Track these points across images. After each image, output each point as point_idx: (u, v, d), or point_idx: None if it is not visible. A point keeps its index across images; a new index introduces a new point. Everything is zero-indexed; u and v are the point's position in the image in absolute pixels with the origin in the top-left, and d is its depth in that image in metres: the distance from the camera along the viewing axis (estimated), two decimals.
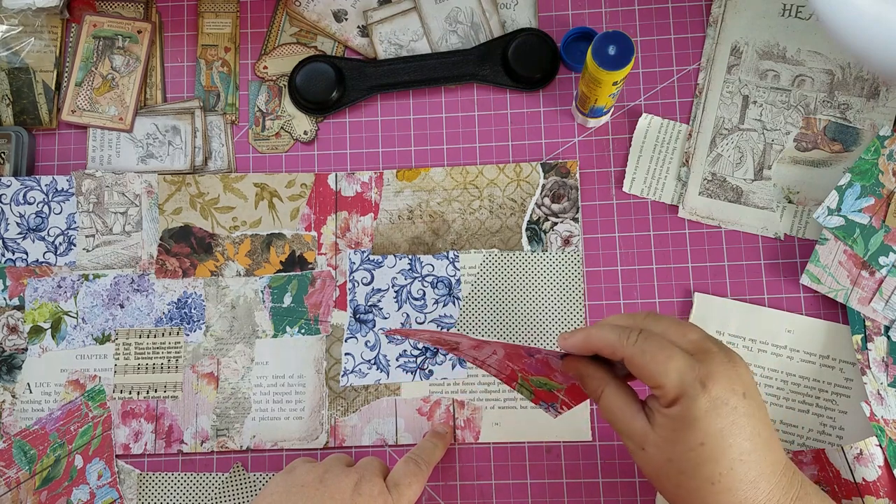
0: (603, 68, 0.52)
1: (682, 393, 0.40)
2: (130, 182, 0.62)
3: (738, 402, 0.40)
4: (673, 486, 0.42)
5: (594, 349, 0.43)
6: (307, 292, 0.60)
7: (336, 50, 0.64)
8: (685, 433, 0.40)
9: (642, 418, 0.42)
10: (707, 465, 0.40)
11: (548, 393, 0.49)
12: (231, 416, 0.59)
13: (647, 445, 0.42)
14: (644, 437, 0.42)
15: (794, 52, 0.60)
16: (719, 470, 0.40)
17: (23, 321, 0.61)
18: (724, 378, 0.40)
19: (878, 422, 0.53)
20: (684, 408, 0.40)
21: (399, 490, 0.49)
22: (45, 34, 0.64)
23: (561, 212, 0.60)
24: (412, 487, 0.49)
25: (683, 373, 0.40)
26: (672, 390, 0.40)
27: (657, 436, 0.41)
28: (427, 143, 0.63)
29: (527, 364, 0.48)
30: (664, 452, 0.41)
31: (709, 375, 0.40)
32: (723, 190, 0.59)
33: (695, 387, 0.40)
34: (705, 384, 0.40)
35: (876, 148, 0.57)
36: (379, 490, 0.48)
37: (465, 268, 0.60)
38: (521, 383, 0.50)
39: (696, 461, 0.40)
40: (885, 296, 0.56)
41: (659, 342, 0.41)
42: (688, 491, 0.41)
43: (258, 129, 0.63)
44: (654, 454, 0.42)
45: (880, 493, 0.52)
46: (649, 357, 0.41)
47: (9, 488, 0.58)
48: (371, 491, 0.48)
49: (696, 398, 0.40)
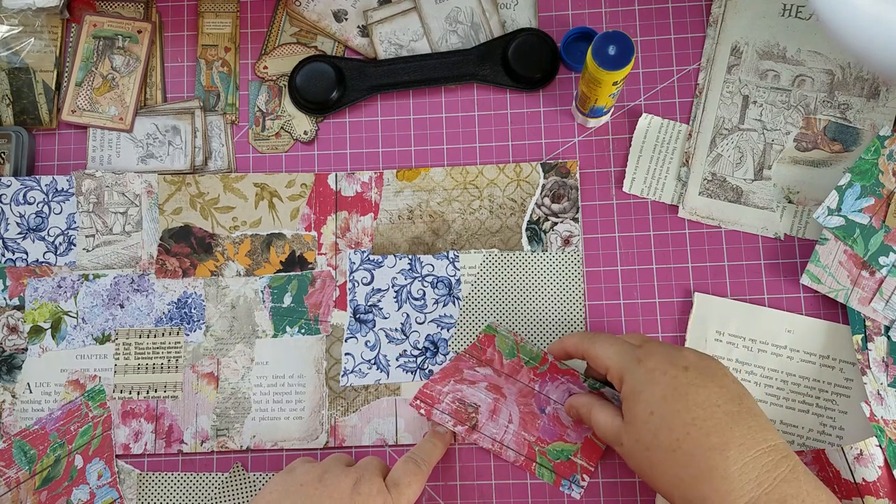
0: (603, 68, 0.52)
1: (624, 370, 0.46)
2: (130, 182, 0.62)
3: (678, 373, 0.45)
4: (647, 466, 0.45)
5: (566, 350, 0.52)
6: (307, 292, 0.60)
7: (336, 50, 0.64)
8: (636, 407, 0.45)
9: (618, 418, 0.48)
10: (662, 432, 0.43)
11: (567, 464, 0.53)
12: (231, 416, 0.59)
13: (622, 437, 0.47)
14: (618, 432, 0.47)
15: (794, 52, 0.60)
16: (675, 436, 0.43)
17: (23, 321, 0.61)
18: (661, 355, 0.46)
19: (878, 422, 0.53)
20: (628, 382, 0.46)
21: (399, 489, 0.49)
22: (45, 34, 0.64)
23: (561, 212, 0.60)
24: (412, 487, 0.49)
25: (622, 352, 0.47)
26: (616, 370, 0.47)
27: (625, 423, 0.46)
28: (427, 143, 0.63)
29: (542, 429, 0.52)
30: (632, 434, 0.45)
31: (645, 354, 0.47)
32: (723, 190, 0.59)
33: (632, 362, 0.46)
34: (641, 360, 0.46)
35: (876, 148, 0.57)
36: (378, 489, 0.48)
37: (465, 268, 0.60)
38: (540, 463, 0.53)
39: (654, 430, 0.44)
40: (885, 296, 0.55)
41: (605, 335, 0.50)
42: (659, 466, 0.44)
43: (258, 129, 0.63)
44: (627, 442, 0.46)
45: (880, 493, 0.52)
46: (599, 345, 0.49)
47: (9, 488, 0.58)
48: (370, 490, 0.47)
49: (633, 371, 0.46)
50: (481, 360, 0.50)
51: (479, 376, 0.51)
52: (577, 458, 0.52)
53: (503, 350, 0.50)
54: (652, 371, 0.45)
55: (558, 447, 0.53)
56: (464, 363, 0.50)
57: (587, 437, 0.52)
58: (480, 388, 0.52)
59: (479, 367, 0.51)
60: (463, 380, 0.51)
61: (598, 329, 0.59)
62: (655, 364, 0.45)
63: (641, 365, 0.46)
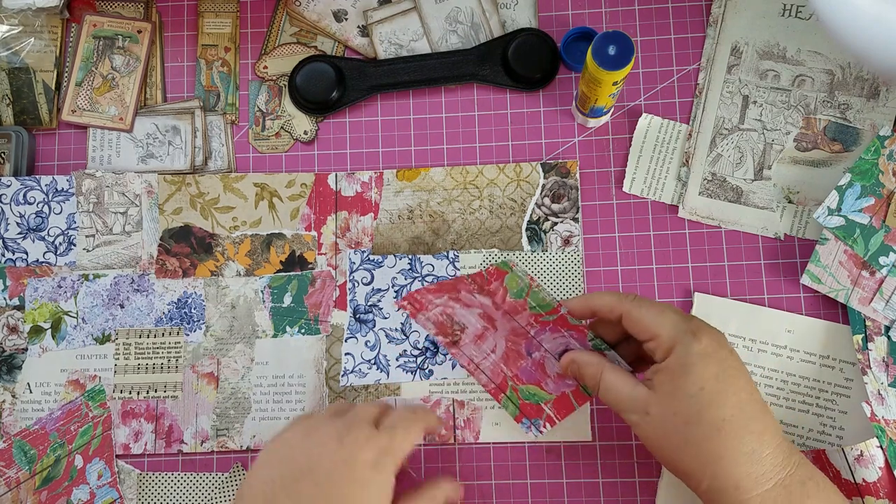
0: (603, 68, 0.52)
1: (677, 341, 0.44)
2: (130, 182, 0.62)
3: (727, 355, 0.44)
4: (681, 441, 0.43)
5: (593, 308, 0.48)
6: (307, 292, 0.60)
7: (336, 50, 0.64)
8: (684, 379, 0.43)
9: (642, 386, 0.46)
10: (710, 409, 0.43)
11: (534, 406, 0.51)
12: (231, 416, 0.59)
13: (651, 407, 0.44)
14: (647, 401, 0.45)
15: (794, 52, 0.60)
16: (722, 415, 0.43)
17: (23, 321, 0.61)
18: (711, 333, 0.45)
19: (879, 422, 0.53)
20: (679, 355, 0.44)
21: (392, 432, 0.47)
22: (45, 34, 0.64)
23: (561, 212, 0.60)
24: (408, 432, 0.47)
25: (676, 323, 0.45)
26: (667, 340, 0.44)
27: (659, 393, 0.44)
28: (427, 143, 0.63)
29: (521, 368, 0.50)
30: (669, 407, 0.44)
31: (698, 328, 0.45)
32: (723, 190, 0.59)
33: (687, 335, 0.44)
34: (696, 334, 0.44)
35: (876, 148, 0.57)
36: (366, 435, 0.46)
37: (465, 268, 0.60)
38: (508, 395, 0.51)
39: (699, 406, 0.43)
40: (885, 296, 0.55)
41: (652, 301, 0.47)
42: (696, 443, 0.43)
43: (258, 129, 0.63)
44: (658, 413, 0.44)
45: (880, 493, 0.52)
46: (645, 310, 0.46)
47: (9, 488, 0.58)
48: (356, 438, 0.46)
49: (689, 344, 0.44)
50: (483, 289, 0.48)
51: (476, 302, 0.49)
52: (546, 406, 0.50)
53: (511, 288, 0.47)
54: (706, 347, 0.44)
55: (532, 390, 0.51)
56: (464, 285, 0.47)
57: (565, 391, 0.50)
58: (473, 313, 0.49)
59: (479, 295, 0.48)
60: (458, 299, 0.48)
61: None
62: (709, 341, 0.44)
63: (696, 339, 0.44)
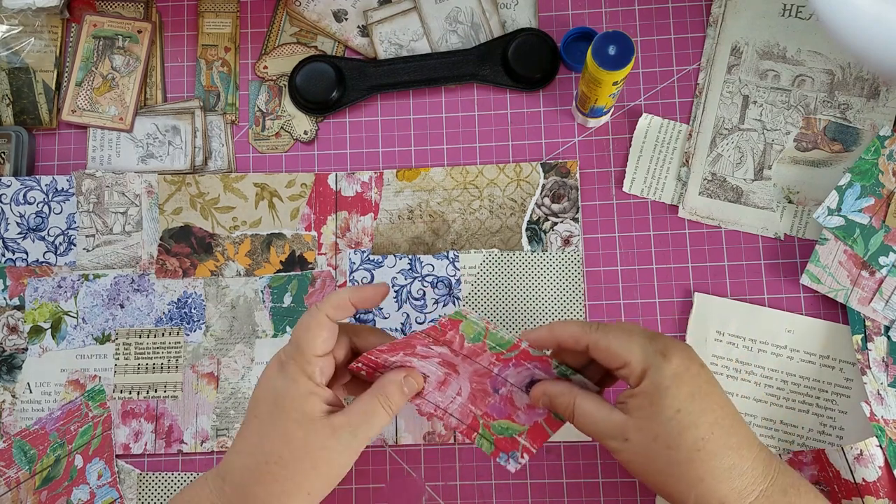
0: (603, 68, 0.52)
1: (648, 365, 0.43)
2: (130, 182, 0.62)
3: (698, 370, 0.44)
4: (664, 465, 0.43)
5: (557, 339, 0.46)
6: (307, 292, 0.60)
7: (336, 50, 0.64)
8: (660, 403, 0.43)
9: (618, 412, 0.45)
10: (689, 431, 0.42)
11: (509, 440, 0.50)
12: (231, 416, 0.59)
13: (630, 433, 0.44)
14: (624, 427, 0.44)
15: (794, 52, 0.60)
16: (701, 434, 0.42)
17: (23, 321, 0.61)
18: (680, 350, 0.44)
19: (879, 422, 0.53)
20: (653, 379, 0.43)
21: (292, 334, 0.46)
22: (45, 34, 0.64)
23: (561, 212, 0.60)
24: (300, 323, 0.46)
25: (645, 346, 0.44)
26: (638, 364, 0.44)
27: (636, 418, 0.44)
28: (427, 143, 0.63)
29: (490, 406, 0.49)
30: (648, 432, 0.43)
31: (666, 348, 0.44)
32: (723, 190, 0.59)
33: (657, 357, 0.43)
34: (665, 355, 0.44)
35: (876, 148, 0.57)
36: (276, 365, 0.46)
37: (465, 268, 0.60)
38: (482, 433, 0.50)
39: (677, 429, 0.42)
40: (885, 296, 0.55)
41: (618, 327, 0.46)
42: (678, 466, 0.43)
43: (258, 129, 0.63)
44: (637, 439, 0.43)
45: (880, 493, 0.52)
46: (612, 337, 0.45)
47: (9, 488, 0.58)
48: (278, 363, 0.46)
49: (660, 367, 0.43)
50: (439, 341, 0.46)
51: (433, 353, 0.47)
52: (521, 438, 0.49)
53: (468, 334, 0.46)
54: (678, 367, 0.43)
55: (504, 424, 0.50)
56: (418, 340, 0.46)
57: (537, 421, 0.49)
58: (432, 362, 0.48)
59: (435, 346, 0.47)
60: (414, 353, 0.47)
61: None
62: (679, 360, 0.44)
63: (667, 361, 0.43)
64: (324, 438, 0.44)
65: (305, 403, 0.44)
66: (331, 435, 0.44)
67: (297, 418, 0.44)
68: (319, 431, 0.44)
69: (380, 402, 0.46)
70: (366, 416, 0.45)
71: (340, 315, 0.46)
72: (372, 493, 0.58)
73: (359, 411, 0.45)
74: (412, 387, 0.47)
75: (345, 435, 0.44)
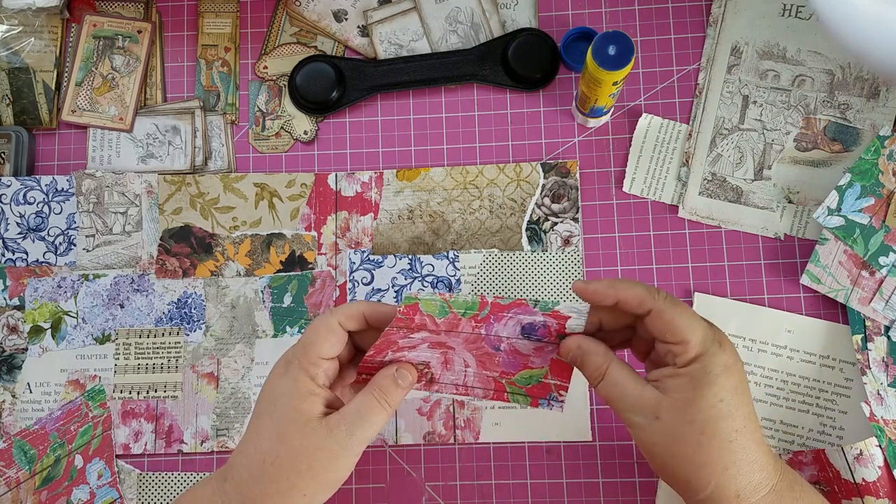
0: (603, 68, 0.52)
1: (705, 350, 0.43)
2: (130, 182, 0.62)
3: (741, 367, 0.44)
4: (692, 450, 0.42)
5: (618, 296, 0.44)
6: (307, 292, 0.60)
7: (336, 50, 0.64)
8: (706, 389, 0.42)
9: (651, 388, 0.43)
10: (725, 420, 0.42)
11: (539, 386, 0.48)
12: (231, 416, 0.59)
13: (662, 412, 0.43)
14: (658, 405, 0.43)
15: (794, 52, 0.60)
16: (735, 427, 0.42)
17: (23, 321, 0.61)
18: (731, 344, 0.44)
19: (878, 422, 0.53)
20: (705, 364, 0.42)
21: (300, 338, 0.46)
22: (45, 34, 0.64)
23: (561, 212, 0.60)
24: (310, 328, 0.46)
25: (706, 331, 0.43)
26: (696, 346, 0.43)
27: (673, 399, 0.43)
28: (427, 143, 0.63)
29: (502, 363, 0.48)
30: (683, 415, 0.42)
31: (722, 339, 0.44)
32: (723, 190, 0.59)
33: (714, 344, 0.43)
34: (721, 344, 0.43)
35: (876, 148, 0.57)
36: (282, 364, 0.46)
37: (465, 268, 0.60)
38: (511, 391, 0.49)
39: (716, 417, 0.42)
40: (885, 296, 0.55)
41: (683, 303, 0.44)
42: (707, 454, 0.42)
43: (258, 129, 0.63)
44: (670, 420, 0.42)
45: (880, 493, 0.52)
46: (681, 311, 0.43)
47: (9, 488, 0.58)
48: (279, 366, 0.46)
49: (716, 354, 0.42)
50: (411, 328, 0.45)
51: (417, 340, 0.46)
52: (548, 379, 0.48)
53: (432, 312, 0.45)
54: (728, 359, 0.43)
55: (525, 374, 0.48)
56: (395, 335, 0.46)
57: (552, 358, 0.47)
58: (423, 349, 0.47)
59: (413, 334, 0.46)
60: (400, 348, 0.47)
61: None
62: (731, 353, 0.43)
63: (722, 350, 0.43)
64: (319, 439, 0.44)
65: (303, 403, 0.44)
66: (327, 435, 0.44)
67: (293, 418, 0.44)
68: (315, 431, 0.44)
69: (375, 398, 0.45)
70: (361, 413, 0.45)
71: (352, 325, 0.46)
72: (372, 493, 0.58)
73: (354, 410, 0.45)
74: (406, 378, 0.46)
75: (341, 435, 0.44)
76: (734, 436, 0.42)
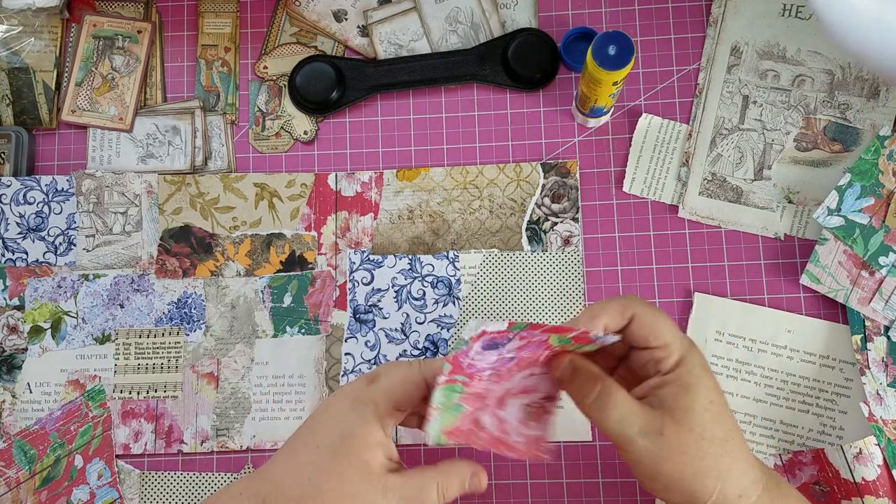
0: (603, 68, 0.52)
1: (686, 352, 0.42)
2: (130, 182, 0.62)
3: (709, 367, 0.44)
4: (696, 458, 0.41)
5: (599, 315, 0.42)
6: (307, 292, 0.60)
7: (336, 50, 0.64)
8: (696, 393, 0.41)
9: (646, 405, 0.42)
10: (720, 421, 0.42)
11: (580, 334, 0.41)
12: (231, 416, 0.59)
13: (666, 426, 0.41)
14: (662, 420, 0.41)
15: (794, 52, 0.60)
16: (728, 426, 0.42)
17: (23, 321, 0.61)
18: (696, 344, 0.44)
19: (877, 422, 0.53)
20: (690, 366, 0.42)
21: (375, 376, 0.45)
22: (45, 34, 0.64)
23: (561, 212, 0.60)
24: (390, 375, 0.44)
25: (681, 334, 0.43)
26: (678, 349, 0.42)
27: (672, 409, 0.41)
28: (427, 143, 0.63)
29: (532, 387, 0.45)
30: (683, 424, 0.41)
31: (691, 340, 0.43)
32: (723, 190, 0.59)
33: (690, 345, 0.43)
34: (692, 343, 0.43)
35: (876, 148, 0.57)
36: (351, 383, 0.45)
37: (465, 268, 0.60)
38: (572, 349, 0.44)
39: (711, 420, 0.41)
40: (884, 296, 0.56)
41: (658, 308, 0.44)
42: (709, 458, 0.41)
43: (258, 129, 0.63)
44: (673, 431, 0.41)
45: (880, 492, 0.52)
46: (659, 315, 0.42)
47: (9, 488, 0.58)
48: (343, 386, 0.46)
49: (694, 356, 0.42)
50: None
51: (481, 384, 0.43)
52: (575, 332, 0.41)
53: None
54: (702, 357, 0.43)
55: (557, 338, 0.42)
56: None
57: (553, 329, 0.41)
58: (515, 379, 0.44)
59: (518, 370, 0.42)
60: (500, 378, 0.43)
61: None
62: (701, 353, 0.43)
63: (695, 349, 0.42)
64: (375, 495, 0.42)
65: (370, 452, 0.42)
66: (382, 495, 0.42)
67: (359, 465, 0.42)
68: (374, 486, 0.42)
69: (438, 488, 0.43)
70: (420, 492, 0.43)
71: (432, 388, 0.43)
72: None
73: (415, 485, 0.43)
74: (475, 486, 0.45)
75: (394, 500, 0.42)
76: (730, 435, 0.42)
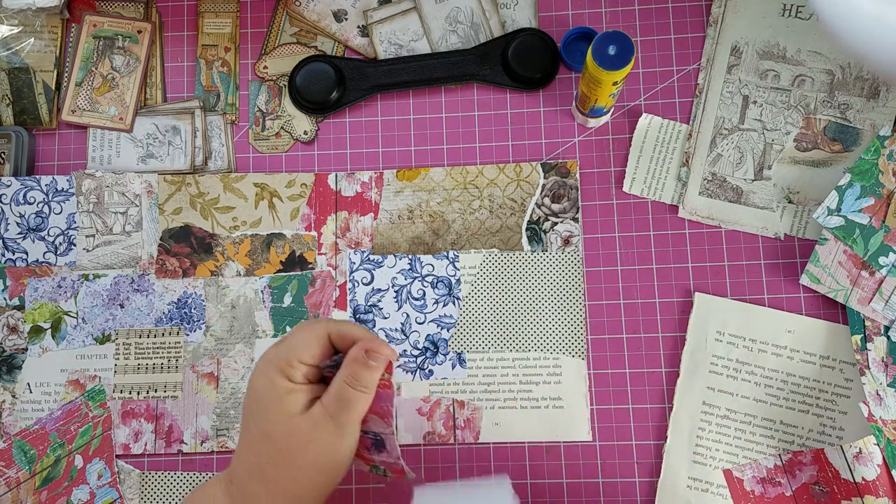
0: (603, 68, 0.52)
1: None
2: (130, 182, 0.62)
3: None
4: None
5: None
6: (307, 292, 0.60)
7: (336, 50, 0.64)
8: None
9: None
10: None
11: None
12: (231, 416, 0.59)
13: None
14: None
15: (794, 52, 0.60)
16: None
17: (23, 321, 0.61)
18: None
19: (877, 422, 0.53)
20: None
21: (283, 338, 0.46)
22: (45, 34, 0.64)
23: (561, 212, 0.60)
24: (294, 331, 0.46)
25: None
26: None
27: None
28: (427, 143, 0.63)
29: None
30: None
31: None
32: (723, 190, 0.59)
33: None
34: None
35: (876, 148, 0.57)
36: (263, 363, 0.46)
37: (465, 268, 0.60)
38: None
39: None
40: (884, 296, 0.56)
41: None
42: None
43: (258, 129, 0.63)
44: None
45: (879, 492, 0.52)
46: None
47: (9, 488, 0.58)
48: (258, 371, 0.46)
49: None
50: None
51: None
52: None
53: None
54: None
55: None
56: None
57: None
58: None
59: None
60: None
61: (599, 328, 0.59)
62: None
63: None
64: (307, 432, 0.43)
65: (283, 402, 0.44)
66: (313, 427, 0.43)
67: (276, 419, 0.44)
68: (301, 426, 0.43)
69: (347, 384, 0.44)
70: (340, 399, 0.44)
71: (340, 343, 0.45)
72: (372, 493, 0.58)
73: (332, 397, 0.44)
74: (378, 358, 0.45)
75: (327, 424, 0.43)
76: None
